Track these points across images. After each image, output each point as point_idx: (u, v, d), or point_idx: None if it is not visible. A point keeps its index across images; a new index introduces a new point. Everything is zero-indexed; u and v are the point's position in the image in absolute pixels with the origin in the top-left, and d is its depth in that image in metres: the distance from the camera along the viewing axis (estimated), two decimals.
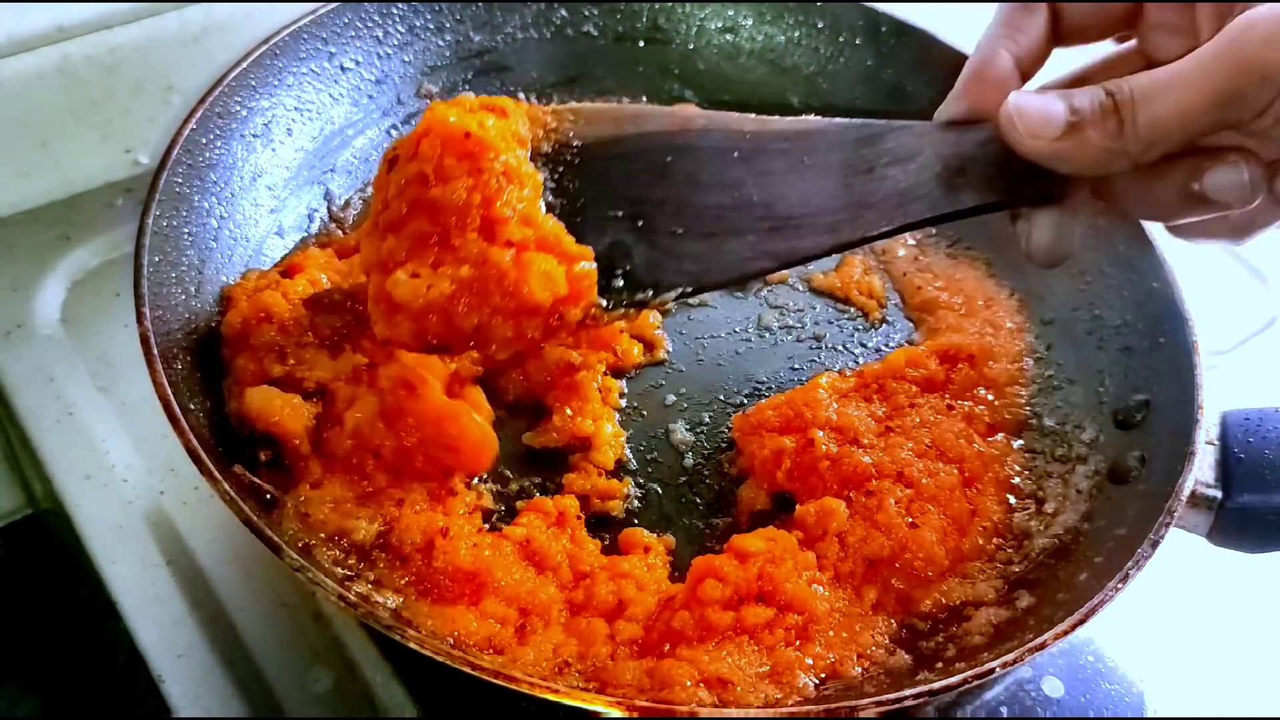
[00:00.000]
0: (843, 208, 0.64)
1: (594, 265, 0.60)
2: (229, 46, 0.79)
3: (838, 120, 0.66)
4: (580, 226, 0.61)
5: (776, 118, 0.65)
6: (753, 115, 0.65)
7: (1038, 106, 0.61)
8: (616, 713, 0.55)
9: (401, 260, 0.59)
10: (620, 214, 0.61)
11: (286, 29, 0.81)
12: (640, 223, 0.62)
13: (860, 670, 0.63)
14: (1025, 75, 0.67)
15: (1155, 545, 0.62)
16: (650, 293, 0.62)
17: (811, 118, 0.66)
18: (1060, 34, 0.68)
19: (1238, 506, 0.65)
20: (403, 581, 0.63)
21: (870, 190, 0.64)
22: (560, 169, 0.62)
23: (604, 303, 0.61)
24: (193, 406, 0.64)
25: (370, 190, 0.88)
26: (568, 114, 0.63)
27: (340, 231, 0.85)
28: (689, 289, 0.63)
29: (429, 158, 0.58)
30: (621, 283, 0.62)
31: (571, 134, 0.62)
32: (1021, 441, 0.77)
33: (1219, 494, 0.66)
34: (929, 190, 0.64)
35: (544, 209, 0.61)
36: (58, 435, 0.76)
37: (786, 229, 0.63)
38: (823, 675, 0.62)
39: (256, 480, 0.63)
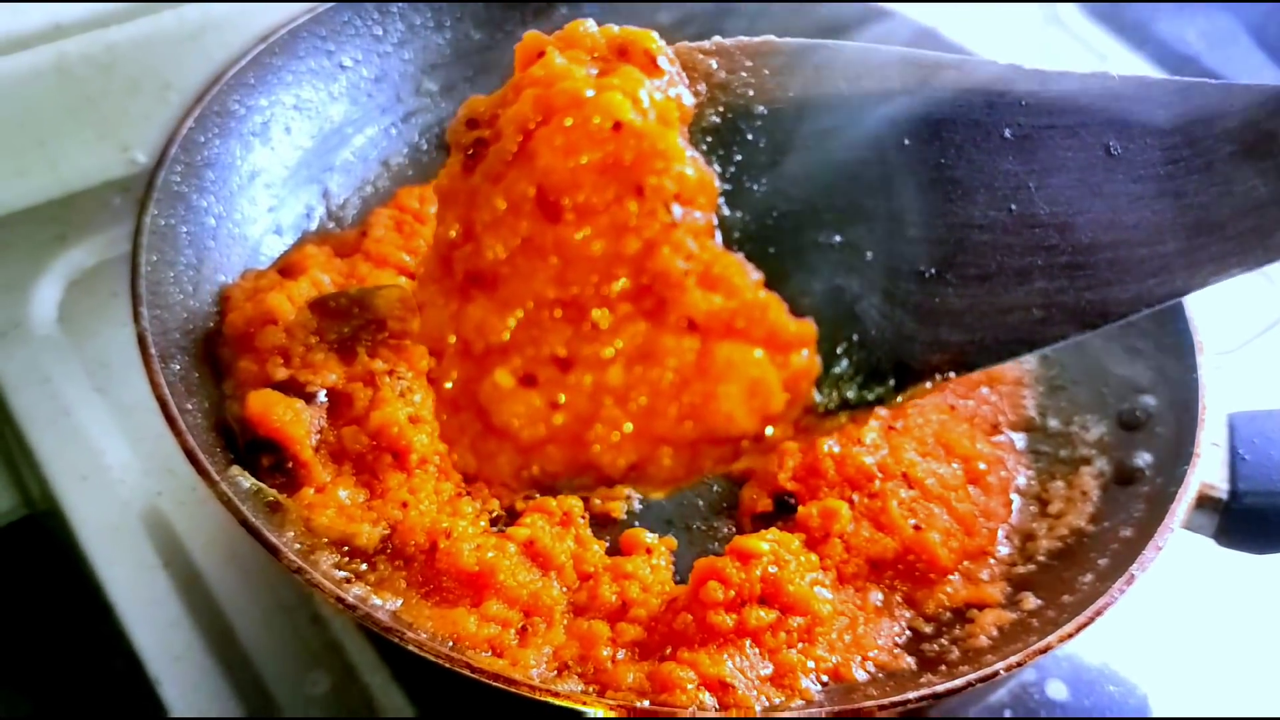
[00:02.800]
0: (1170, 231, 0.39)
1: (817, 356, 0.35)
2: (227, 44, 0.78)
3: (1148, 79, 0.41)
4: (773, 261, 0.36)
5: (1060, 70, 0.41)
6: (1025, 65, 0.40)
7: None
8: (616, 716, 0.54)
9: (503, 346, 0.35)
10: (836, 239, 0.37)
11: (285, 27, 0.80)
12: (869, 254, 0.37)
13: (864, 673, 0.63)
14: None
15: (1160, 548, 0.62)
16: (892, 382, 0.37)
17: (1110, 72, 0.41)
18: None
19: (1244, 507, 0.64)
20: (405, 584, 0.62)
21: (1211, 203, 0.40)
22: (737, 157, 0.38)
23: (820, 400, 0.36)
24: (190, 407, 0.63)
25: (370, 190, 0.88)
26: (741, 57, 0.39)
27: (339, 230, 0.84)
28: (948, 373, 0.38)
29: (550, 165, 0.34)
30: (846, 364, 0.37)
31: (751, 93, 0.38)
32: (1026, 442, 0.77)
33: (1226, 495, 0.65)
34: None
35: (719, 236, 0.36)
36: (54, 436, 0.76)
37: (1093, 268, 0.38)
38: (826, 678, 0.62)
39: (258, 484, 0.62)
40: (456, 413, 0.37)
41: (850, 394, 0.38)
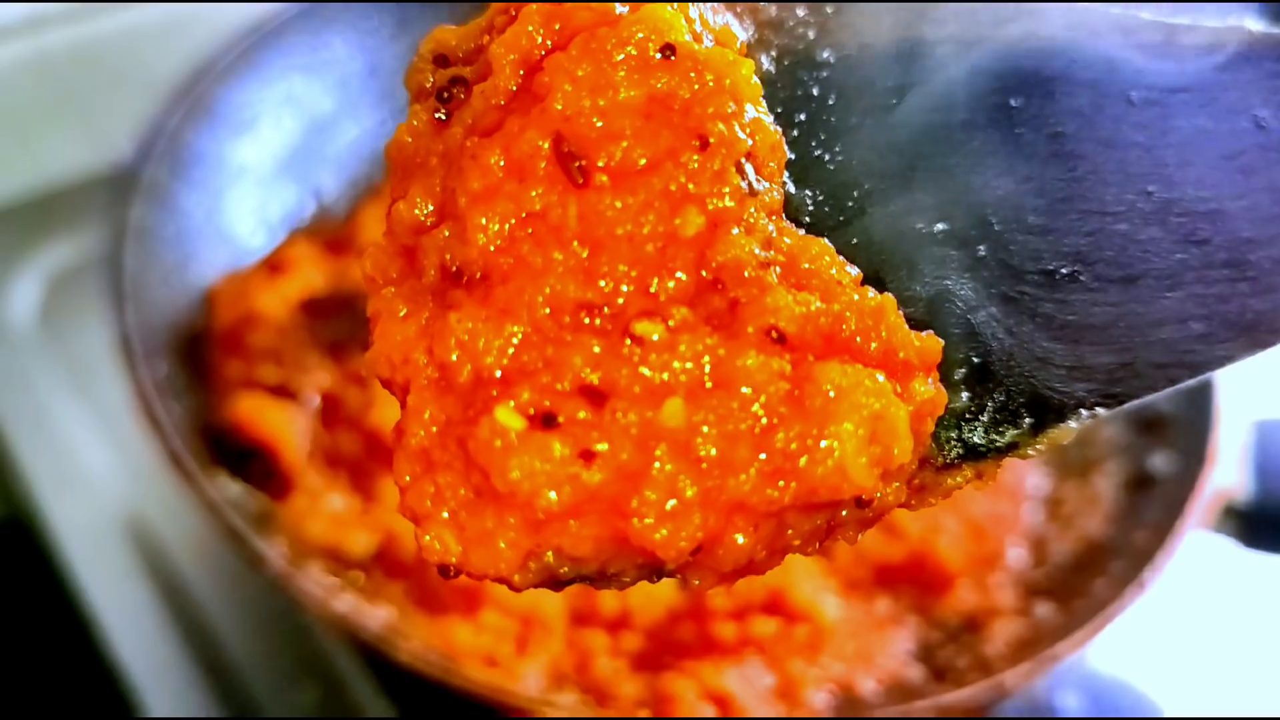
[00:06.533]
0: None
1: (939, 383, 0.27)
2: (215, 37, 0.76)
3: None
4: (859, 255, 0.28)
5: (1188, 24, 0.32)
6: (1142, 14, 0.32)
7: None
8: None
9: (503, 373, 0.25)
10: (939, 227, 0.29)
11: (274, 18, 0.79)
12: (981, 248, 0.29)
13: (872, 683, 0.61)
14: None
15: (1175, 552, 0.61)
16: (1029, 417, 0.29)
17: (1244, 26, 0.32)
18: None
19: (1271, 511, 0.63)
20: (398, 593, 0.61)
21: None
22: (800, 116, 0.29)
23: (940, 450, 0.28)
24: (175, 410, 0.62)
25: (363, 184, 0.86)
26: None
27: (330, 226, 0.82)
28: (1095, 409, 0.29)
29: (574, 105, 0.25)
30: (967, 396, 0.28)
31: (813, 35, 0.30)
32: None
33: (1250, 498, 0.64)
34: None
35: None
36: (34, 440, 0.74)
37: (1255, 268, 0.30)
38: (832, 689, 0.61)
39: (245, 490, 0.61)
40: (430, 472, 0.25)
41: (977, 438, 0.28)
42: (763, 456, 0.24)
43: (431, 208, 0.26)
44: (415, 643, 0.57)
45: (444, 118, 0.26)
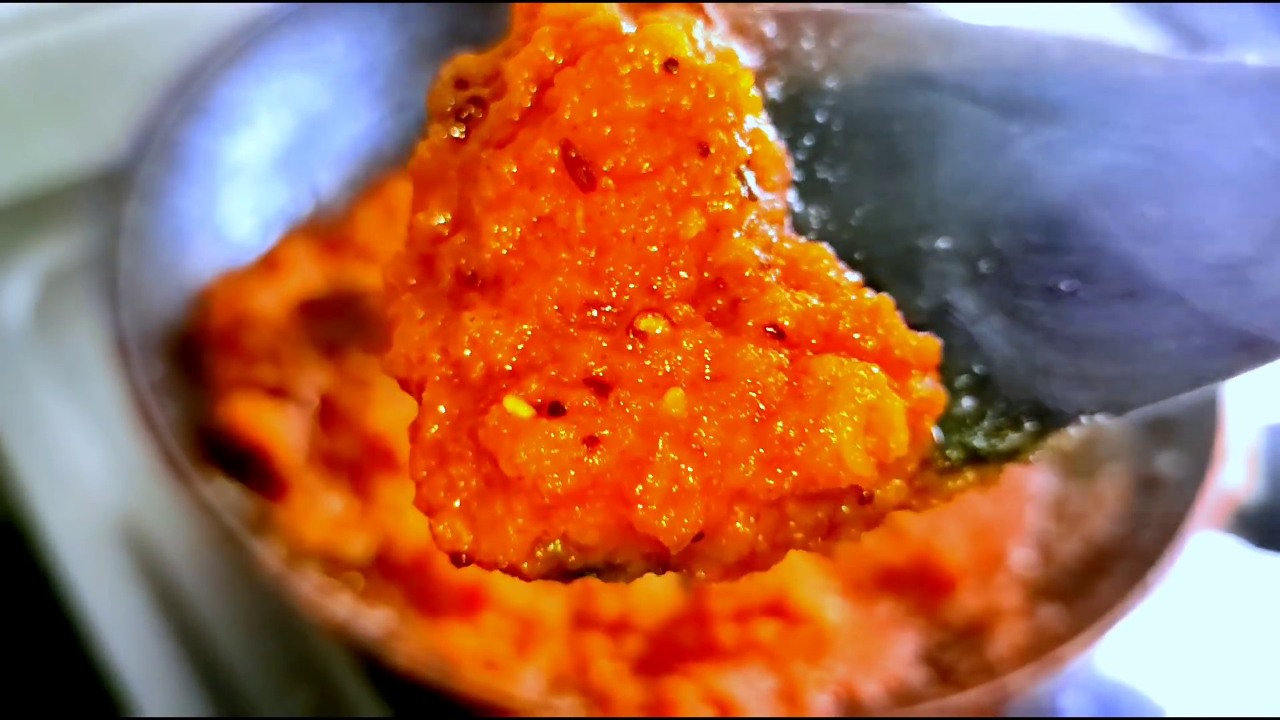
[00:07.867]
0: None
1: (939, 384, 0.28)
2: (211, 34, 0.76)
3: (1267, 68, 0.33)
4: (861, 270, 0.30)
5: (1189, 58, 0.34)
6: (1144, 48, 0.34)
7: None
8: None
9: (514, 368, 0.26)
10: (940, 244, 0.31)
11: (272, 15, 0.79)
12: (983, 264, 0.30)
13: (875, 686, 0.61)
14: None
15: (1182, 553, 0.60)
16: (1031, 423, 0.30)
17: (1244, 61, 0.33)
18: None
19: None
20: (396, 597, 0.61)
21: None
22: (807, 141, 0.31)
23: (941, 453, 0.29)
24: (170, 411, 0.61)
25: (360, 183, 0.85)
26: (802, 23, 0.32)
27: (328, 224, 0.82)
28: (1096, 416, 0.30)
29: (581, 115, 0.26)
30: (970, 403, 0.29)
31: (818, 65, 0.32)
32: None
33: (1260, 499, 0.64)
34: None
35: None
36: (27, 440, 0.73)
37: (1259, 285, 0.31)
38: (835, 691, 0.60)
39: (242, 492, 0.61)
40: (444, 464, 0.26)
41: (978, 443, 0.28)
42: (761, 446, 0.25)
43: (449, 217, 0.28)
44: (413, 646, 0.57)
45: (462, 135, 0.28)
